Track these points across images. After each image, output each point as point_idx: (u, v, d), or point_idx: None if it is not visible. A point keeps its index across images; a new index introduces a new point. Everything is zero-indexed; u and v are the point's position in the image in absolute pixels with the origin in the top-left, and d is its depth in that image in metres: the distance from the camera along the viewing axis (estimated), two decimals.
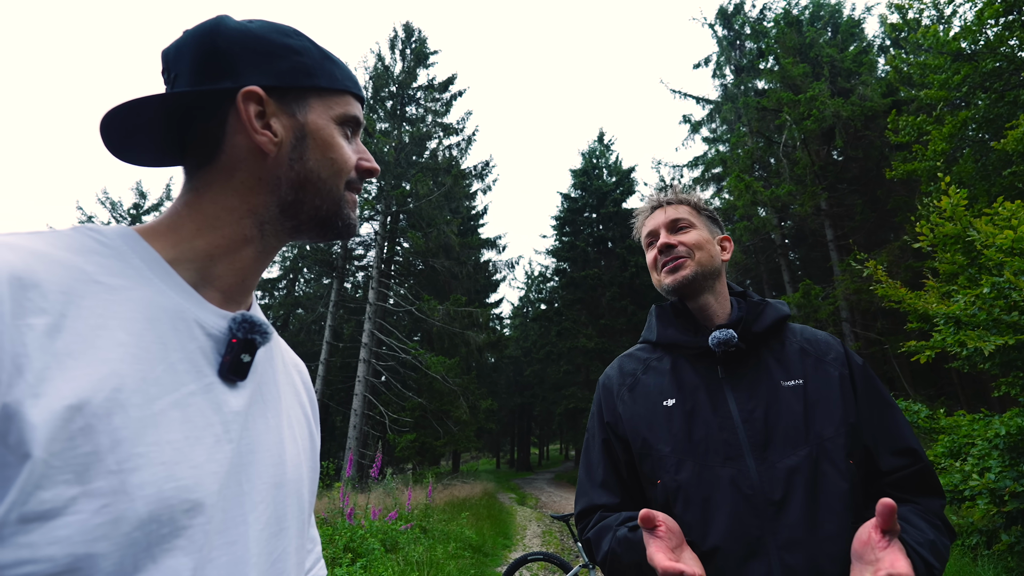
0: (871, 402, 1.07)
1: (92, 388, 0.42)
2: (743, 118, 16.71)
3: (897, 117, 10.59)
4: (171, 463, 0.46)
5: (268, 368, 0.64)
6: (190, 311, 0.54)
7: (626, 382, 1.21)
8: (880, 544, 0.81)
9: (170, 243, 0.57)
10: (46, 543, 0.38)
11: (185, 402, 0.50)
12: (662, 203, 1.28)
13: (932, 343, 4.74)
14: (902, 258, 12.27)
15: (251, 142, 0.59)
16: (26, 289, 0.42)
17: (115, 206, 27.39)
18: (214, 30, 0.60)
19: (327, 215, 0.64)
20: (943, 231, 5.13)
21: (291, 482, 0.61)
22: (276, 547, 0.58)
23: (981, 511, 4.18)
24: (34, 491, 0.38)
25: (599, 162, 29.71)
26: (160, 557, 0.44)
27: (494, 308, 25.70)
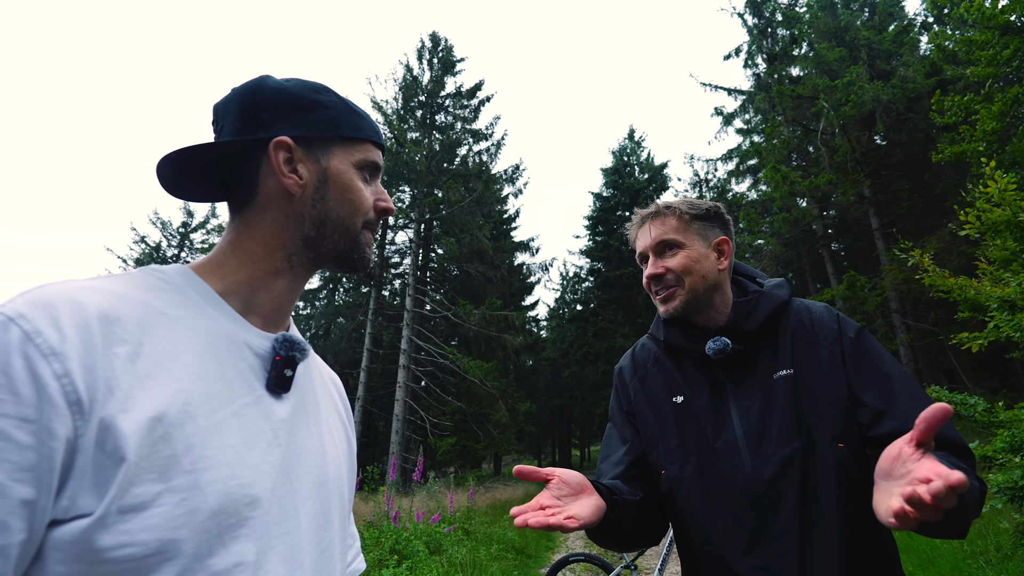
0: (866, 376, 1.04)
1: (167, 402, 0.51)
2: (777, 107, 16.26)
3: (942, 97, 10.13)
4: (233, 464, 0.55)
5: (307, 381, 0.73)
6: (240, 335, 0.63)
7: (638, 374, 1.27)
8: (914, 456, 0.69)
9: (218, 277, 0.67)
10: (140, 530, 0.47)
11: (241, 412, 0.58)
12: (645, 219, 1.23)
13: (986, 332, 4.55)
14: (954, 245, 11.69)
15: (280, 184, 0.69)
16: (111, 324, 0.51)
17: (165, 225, 28.79)
18: (256, 88, 0.70)
19: (344, 250, 0.72)
20: (991, 217, 4.91)
21: (332, 480, 0.70)
22: (324, 538, 0.67)
23: None
24: (128, 488, 0.47)
25: (630, 160, 29.41)
26: (229, 543, 0.53)
27: (530, 311, 25.74)
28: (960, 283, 5.02)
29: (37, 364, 0.46)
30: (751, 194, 18.72)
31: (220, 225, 29.11)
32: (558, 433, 36.13)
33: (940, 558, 5.71)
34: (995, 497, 4.35)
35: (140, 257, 28.12)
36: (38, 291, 0.50)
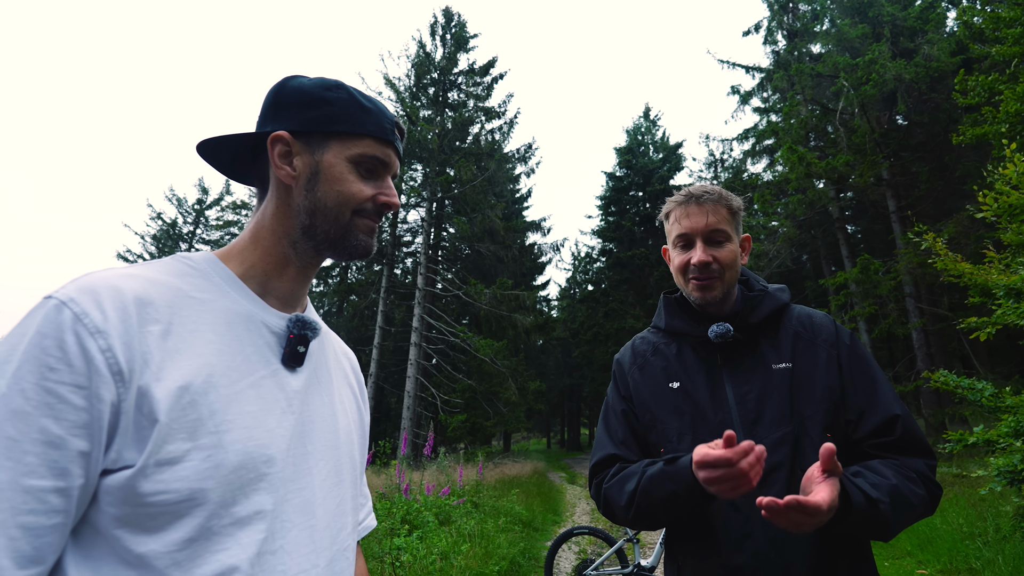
0: (857, 378, 1.17)
1: (193, 374, 0.60)
2: (796, 86, 15.91)
3: (966, 77, 9.86)
4: (251, 427, 0.63)
5: (321, 356, 0.80)
6: (258, 315, 0.71)
7: (637, 362, 1.35)
8: (818, 479, 0.92)
9: (239, 262, 0.75)
10: (173, 480, 0.56)
11: (258, 384, 0.66)
12: (704, 201, 1.24)
13: (994, 318, 4.55)
14: (972, 228, 11.50)
15: (279, 175, 0.75)
16: (145, 306, 0.60)
17: (181, 202, 29.11)
18: (278, 87, 0.78)
19: (336, 238, 0.76)
20: (1008, 200, 4.86)
21: (343, 445, 0.78)
22: (337, 495, 0.75)
23: None
24: (163, 445, 0.56)
25: (644, 139, 29.02)
26: (250, 494, 0.61)
27: (540, 290, 25.80)
28: (971, 269, 5.00)
29: (86, 340, 0.55)
30: (766, 175, 18.46)
31: (234, 202, 29.35)
32: (567, 412, 36.49)
33: (939, 539, 5.79)
34: (995, 480, 4.40)
35: (157, 234, 28.51)
36: (84, 279, 0.59)
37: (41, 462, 0.52)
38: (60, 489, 0.52)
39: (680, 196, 1.28)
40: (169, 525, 0.56)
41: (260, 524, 0.61)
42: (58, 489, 0.52)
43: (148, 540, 0.55)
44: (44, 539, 0.51)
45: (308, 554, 0.66)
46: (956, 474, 9.02)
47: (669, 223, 1.30)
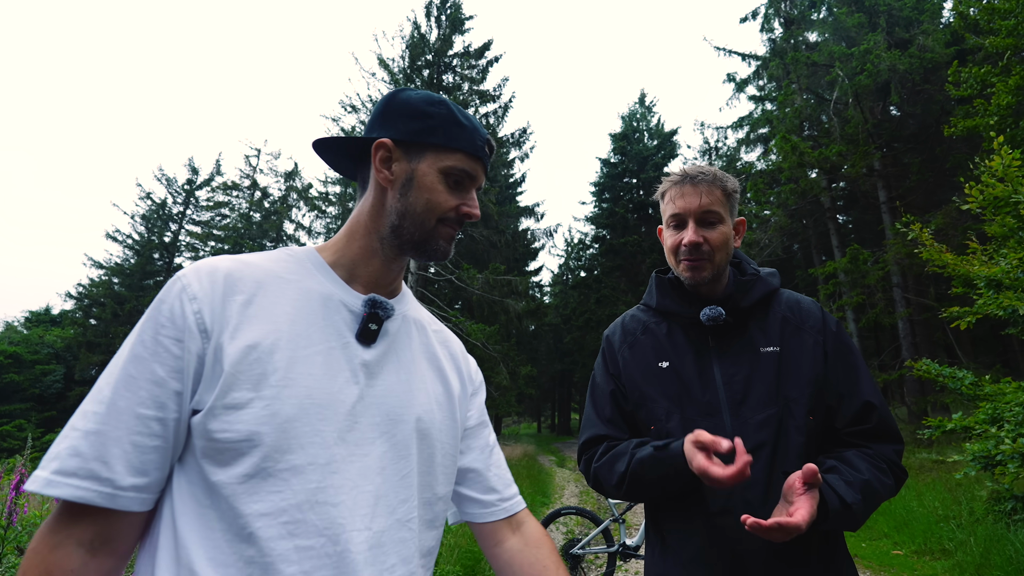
0: (839, 365, 1.22)
1: (262, 337, 0.71)
2: (792, 74, 15.89)
3: (959, 69, 9.90)
4: (311, 387, 0.71)
5: (404, 337, 0.86)
6: (338, 295, 0.80)
7: (627, 340, 1.36)
8: (799, 490, 0.99)
9: (331, 252, 0.86)
10: (236, 421, 0.66)
11: (328, 353, 0.75)
12: (698, 181, 1.24)
13: (975, 308, 4.65)
14: (959, 220, 11.64)
15: (378, 178, 0.84)
16: (234, 281, 0.73)
17: (170, 182, 28.74)
18: (388, 98, 0.88)
19: (419, 241, 0.83)
20: (993, 193, 4.93)
21: (414, 421, 0.81)
22: (400, 469, 0.77)
23: (1012, 475, 4.16)
24: (229, 391, 0.67)
25: (639, 125, 28.92)
26: (305, 446, 0.68)
27: (533, 276, 25.85)
28: (955, 259, 5.09)
29: (185, 305, 0.69)
30: (760, 164, 18.50)
31: (224, 183, 29.02)
32: (558, 397, 36.79)
33: (915, 521, 5.96)
34: (970, 465, 4.54)
35: (146, 213, 28.17)
36: (199, 262, 0.74)
37: (149, 396, 0.66)
38: (160, 419, 0.66)
39: (675, 176, 1.28)
40: (233, 461, 0.65)
41: (313, 475, 0.68)
42: (159, 419, 0.66)
43: (219, 471, 0.65)
44: (147, 456, 0.65)
45: (362, 516, 0.71)
46: (935, 460, 9.25)
47: (664, 203, 1.30)
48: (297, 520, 0.66)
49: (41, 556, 0.62)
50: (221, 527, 0.64)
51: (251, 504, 0.64)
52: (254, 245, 27.15)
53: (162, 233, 28.30)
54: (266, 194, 29.29)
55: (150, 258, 27.89)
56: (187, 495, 0.66)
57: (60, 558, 0.62)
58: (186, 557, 0.63)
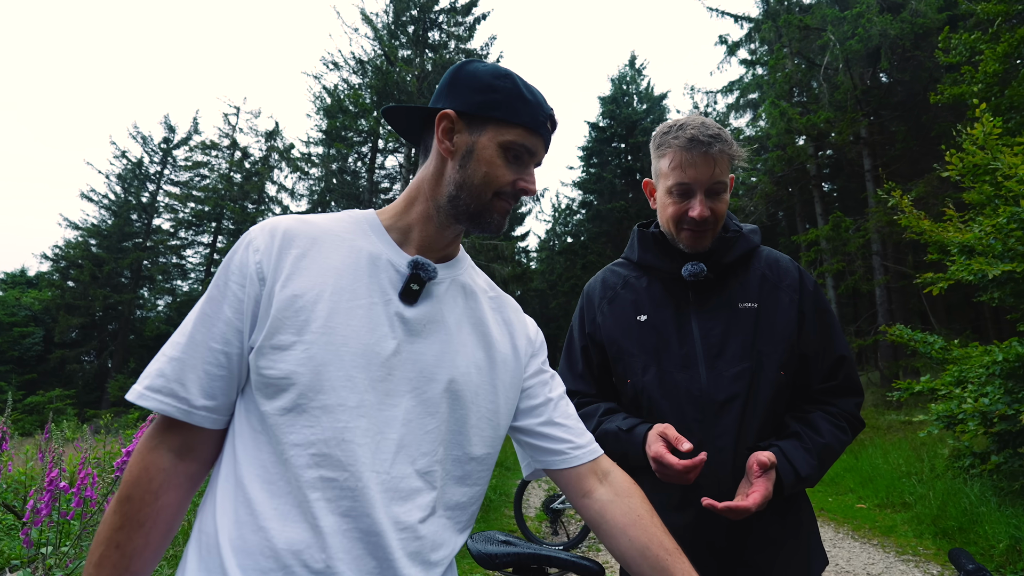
0: (814, 323, 1.26)
1: (307, 287, 0.77)
2: (784, 38, 15.66)
3: (950, 35, 9.83)
4: (349, 337, 0.77)
5: (449, 301, 0.88)
6: (387, 255, 0.85)
7: (607, 295, 1.38)
8: (756, 472, 1.08)
9: (388, 215, 0.90)
10: (280, 361, 0.74)
11: (370, 307, 0.80)
12: (711, 151, 1.17)
13: (948, 274, 4.76)
14: (940, 189, 11.76)
15: (439, 148, 0.86)
16: (291, 237, 0.81)
17: (146, 140, 27.82)
18: (456, 69, 0.90)
19: (474, 212, 0.86)
20: (973, 160, 4.99)
21: (446, 381, 0.83)
22: (427, 424, 0.80)
23: (971, 432, 4.36)
24: (275, 334, 0.75)
25: (629, 88, 28.46)
26: (338, 388, 0.75)
27: (520, 241, 25.77)
28: (931, 226, 5.18)
29: (250, 256, 0.79)
30: (748, 130, 18.40)
31: (203, 142, 28.16)
32: None
33: (879, 477, 6.26)
34: (934, 424, 4.74)
35: (122, 173, 27.33)
36: (266, 221, 0.82)
37: (219, 332, 0.77)
38: (226, 353, 0.76)
39: (684, 139, 1.19)
40: (275, 395, 0.74)
41: (342, 416, 0.74)
42: (225, 352, 0.76)
43: (265, 402, 0.74)
44: (216, 384, 0.77)
45: (382, 460, 0.76)
46: (902, 421, 9.64)
47: (665, 164, 1.23)
48: (324, 454, 0.72)
49: (141, 455, 0.76)
50: (268, 450, 0.74)
51: (288, 434, 0.72)
52: (236, 207, 26.59)
53: (139, 193, 27.56)
54: (246, 154, 28.50)
55: (128, 219, 27.23)
56: (245, 420, 0.77)
57: (155, 458, 0.76)
58: (238, 471, 0.74)
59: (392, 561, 0.73)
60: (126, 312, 26.16)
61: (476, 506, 0.90)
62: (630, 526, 0.87)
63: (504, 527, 5.56)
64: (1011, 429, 4.04)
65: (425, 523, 0.78)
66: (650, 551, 0.84)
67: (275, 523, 0.71)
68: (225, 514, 0.73)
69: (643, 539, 0.85)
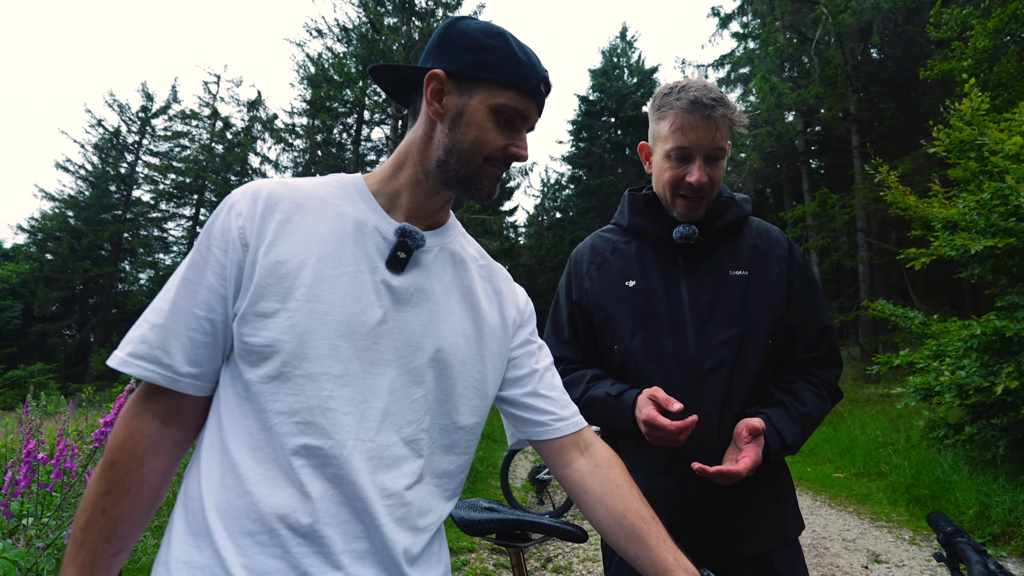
0: (802, 294, 1.27)
1: (292, 254, 0.75)
2: (776, 11, 15.46)
3: (942, 10, 9.77)
4: (334, 305, 0.75)
5: (437, 269, 0.86)
6: (374, 221, 0.82)
7: (595, 260, 1.36)
8: (746, 439, 1.09)
9: (376, 180, 0.87)
10: (263, 328, 0.73)
11: (356, 275, 0.78)
12: (713, 115, 1.15)
13: (931, 250, 4.82)
14: (926, 166, 11.84)
15: (428, 110, 0.83)
16: (275, 202, 0.78)
17: (123, 109, 26.97)
18: (446, 27, 0.86)
19: (464, 178, 0.83)
20: (959, 136, 5.00)
21: (433, 351, 0.82)
22: (412, 393, 0.80)
23: (948, 404, 4.47)
24: (258, 301, 0.73)
25: (620, 61, 28.06)
26: (322, 357, 0.74)
27: (508, 216, 25.62)
28: (916, 202, 5.22)
29: (232, 221, 0.76)
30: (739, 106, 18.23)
31: (183, 111, 27.34)
32: None
33: (857, 447, 6.43)
34: (911, 396, 4.86)
35: (99, 142, 26.54)
36: (248, 184, 0.79)
37: (202, 299, 0.75)
38: (210, 319, 0.75)
39: (686, 100, 1.16)
40: (259, 363, 0.73)
41: (326, 384, 0.73)
42: (209, 319, 0.75)
43: (249, 370, 0.73)
44: (200, 351, 0.75)
45: (367, 428, 0.75)
46: (880, 394, 9.88)
47: (664, 126, 1.20)
48: (308, 422, 0.72)
49: (126, 422, 0.76)
50: (253, 417, 0.73)
51: (272, 402, 0.72)
52: (218, 179, 26.02)
53: (117, 164, 26.83)
54: (228, 124, 27.77)
55: (106, 190, 26.56)
56: (230, 388, 0.76)
57: (140, 424, 0.75)
58: (224, 438, 0.74)
59: (379, 526, 0.74)
60: (107, 285, 25.73)
61: (463, 474, 0.90)
62: (608, 495, 0.87)
63: (491, 497, 5.65)
64: (986, 401, 4.15)
65: (412, 490, 0.78)
66: (626, 519, 0.84)
67: (261, 488, 0.71)
68: (211, 479, 0.73)
69: (620, 508, 0.86)
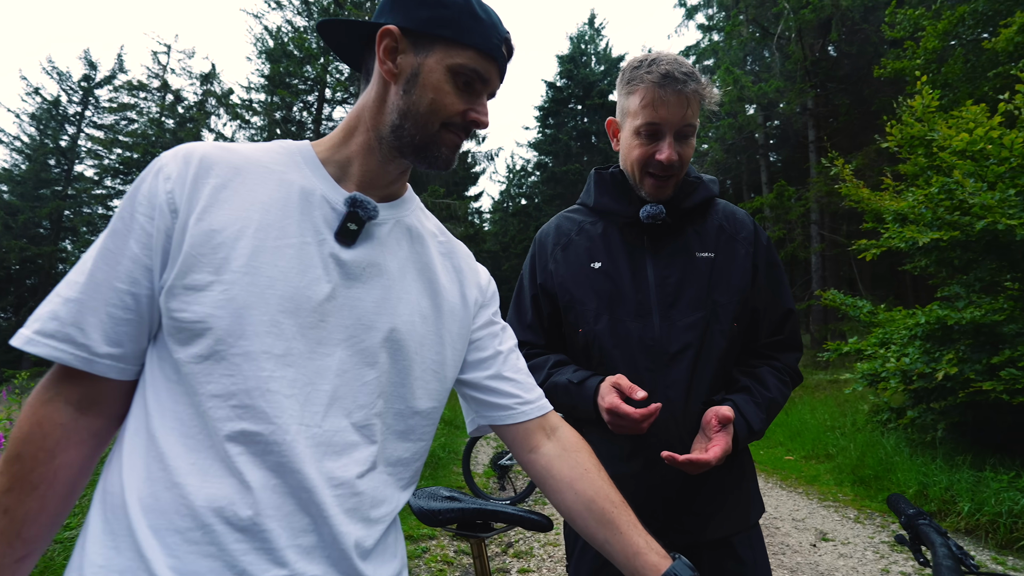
0: (767, 277, 1.26)
1: (229, 222, 0.69)
2: (740, 4, 15.70)
3: (896, 9, 10.10)
4: (275, 279, 0.69)
5: (392, 244, 0.81)
6: (322, 190, 0.76)
7: (560, 242, 1.32)
8: (715, 427, 1.07)
9: (325, 147, 0.81)
10: (194, 303, 0.66)
11: (301, 247, 0.72)
12: (686, 90, 1.11)
13: (881, 241, 5.00)
14: (877, 161, 12.33)
15: (381, 69, 0.76)
16: (210, 165, 0.71)
17: (63, 77, 25.30)
18: None
19: (420, 145, 0.77)
20: (911, 132, 5.18)
21: (387, 330, 0.77)
22: (364, 375, 0.75)
23: (892, 389, 4.68)
24: (189, 272, 0.66)
25: (588, 48, 28.01)
26: (261, 335, 0.68)
27: (473, 201, 25.46)
28: (869, 194, 5.40)
29: (159, 185, 0.69)
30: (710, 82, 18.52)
31: (129, 82, 25.80)
32: None
33: (806, 431, 6.71)
34: (859, 382, 5.07)
35: (37, 112, 24.85)
36: (180, 146, 0.73)
37: (124, 270, 0.68)
38: (133, 293, 0.68)
39: (657, 74, 1.12)
40: (189, 341, 0.66)
41: (266, 364, 0.67)
42: (132, 293, 0.68)
43: (179, 349, 0.67)
44: (121, 328, 0.68)
45: (313, 413, 0.70)
46: (829, 380, 10.32)
47: (634, 101, 1.16)
48: (246, 405, 0.66)
49: (33, 408, 0.68)
50: (185, 401, 0.67)
51: (205, 384, 0.66)
52: None
53: (57, 136, 25.19)
54: (180, 98, 26.37)
55: (45, 164, 24.93)
56: (158, 369, 0.69)
57: (50, 412, 0.68)
58: (151, 424, 0.67)
59: (327, 518, 0.68)
60: (47, 266, 24.25)
61: (420, 462, 0.85)
62: (576, 480, 0.84)
63: (452, 484, 5.62)
64: (927, 386, 4.36)
65: (364, 478, 0.73)
66: (596, 504, 0.81)
67: (193, 479, 0.65)
68: (134, 470, 0.66)
69: (589, 492, 0.82)
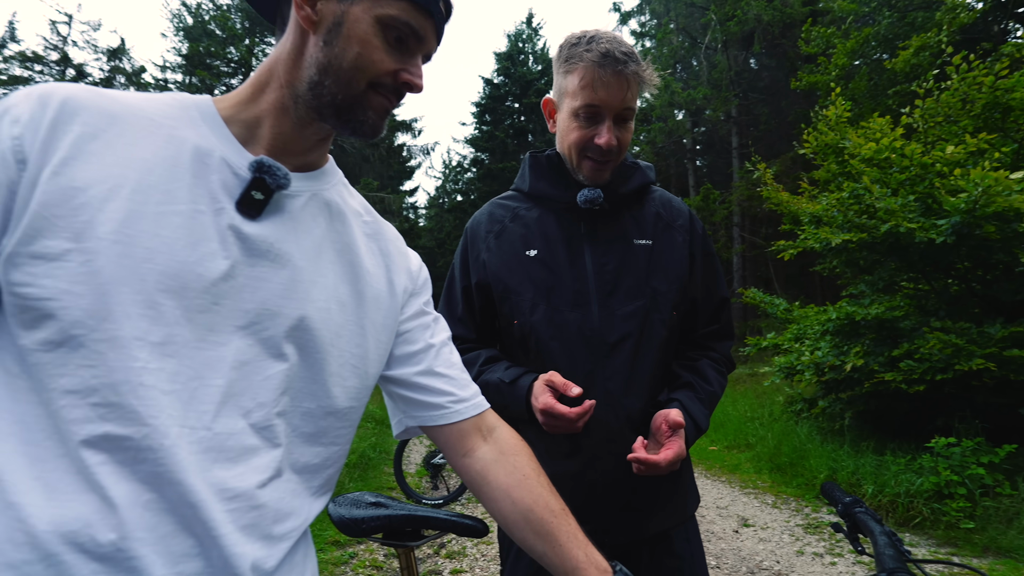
0: (703, 267, 1.24)
1: (97, 180, 0.57)
2: (671, 12, 16.32)
3: (811, 27, 10.83)
4: (156, 250, 0.57)
5: (308, 220, 0.70)
6: (221, 151, 0.64)
7: (493, 229, 1.25)
8: (666, 433, 1.04)
9: (229, 104, 0.69)
10: (44, 275, 0.53)
11: (192, 215, 0.60)
12: (626, 72, 1.06)
13: (798, 242, 5.32)
14: (793, 168, 13.22)
15: (298, 15, 0.66)
16: (75, 111, 0.58)
17: None
18: None
19: (342, 106, 0.67)
20: (824, 140, 5.53)
21: (296, 318, 0.66)
22: (266, 368, 0.64)
23: (807, 381, 4.98)
24: (38, 237, 0.53)
25: (525, 47, 28.16)
26: (134, 317, 0.55)
27: (408, 196, 24.94)
28: (788, 198, 5.72)
29: (5, 128, 0.56)
30: None
31: (22, 53, 23.20)
32: None
33: (729, 422, 7.05)
34: (776, 375, 5.36)
35: None
36: (39, 84, 0.60)
37: None
38: None
39: (597, 53, 1.06)
40: (37, 323, 0.54)
41: (139, 353, 0.55)
42: None
43: (23, 334, 0.54)
44: None
45: (201, 413, 0.59)
46: (749, 373, 10.94)
47: (573, 81, 1.10)
48: (111, 403, 0.54)
49: None
50: (28, 400, 0.54)
51: (57, 378, 0.53)
52: None
53: None
54: (83, 73, 23.96)
55: None
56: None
57: None
58: None
59: (217, 538, 0.57)
60: None
61: (334, 468, 0.74)
62: (514, 487, 0.76)
63: (383, 486, 5.43)
64: (837, 377, 4.67)
65: (266, 488, 0.62)
66: (534, 514, 0.73)
67: (34, 497, 0.52)
68: None
69: (527, 501, 0.74)
